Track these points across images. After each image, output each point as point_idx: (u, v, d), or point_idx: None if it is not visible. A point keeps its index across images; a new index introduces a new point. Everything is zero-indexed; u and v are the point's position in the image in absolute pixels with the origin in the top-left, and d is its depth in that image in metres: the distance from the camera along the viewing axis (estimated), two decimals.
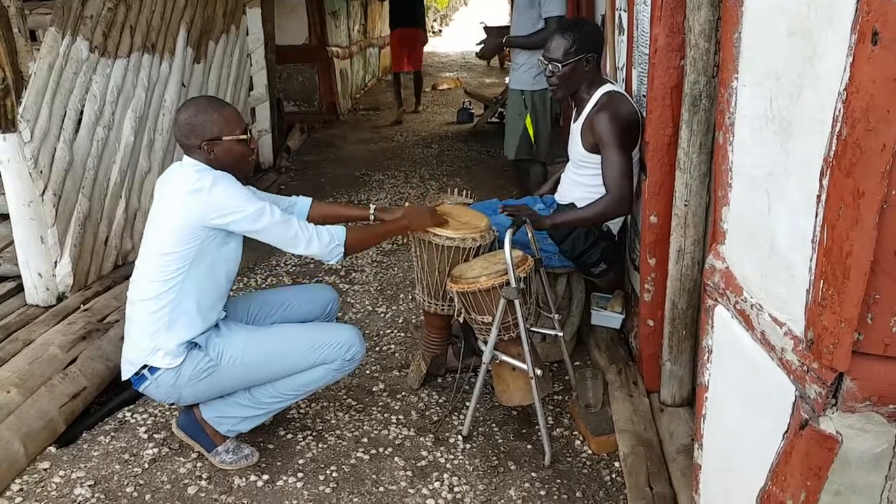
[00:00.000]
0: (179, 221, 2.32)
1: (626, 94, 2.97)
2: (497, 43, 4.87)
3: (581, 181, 3.05)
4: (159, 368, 2.39)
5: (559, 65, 2.89)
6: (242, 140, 2.42)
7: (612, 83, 3.01)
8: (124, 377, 2.49)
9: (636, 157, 2.89)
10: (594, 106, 2.90)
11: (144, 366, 2.40)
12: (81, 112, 3.59)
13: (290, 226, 2.40)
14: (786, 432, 1.44)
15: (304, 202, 2.80)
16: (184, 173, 2.37)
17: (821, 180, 1.24)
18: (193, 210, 2.30)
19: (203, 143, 2.35)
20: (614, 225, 3.06)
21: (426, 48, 10.06)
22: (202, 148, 2.36)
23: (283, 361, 2.48)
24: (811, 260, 1.30)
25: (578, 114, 3.02)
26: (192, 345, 2.41)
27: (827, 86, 1.21)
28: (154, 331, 2.36)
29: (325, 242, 2.45)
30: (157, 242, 2.37)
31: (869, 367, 1.27)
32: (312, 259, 3.84)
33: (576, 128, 3.03)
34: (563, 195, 3.18)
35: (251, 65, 6.15)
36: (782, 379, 1.43)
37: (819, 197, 1.25)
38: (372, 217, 2.83)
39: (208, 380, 2.43)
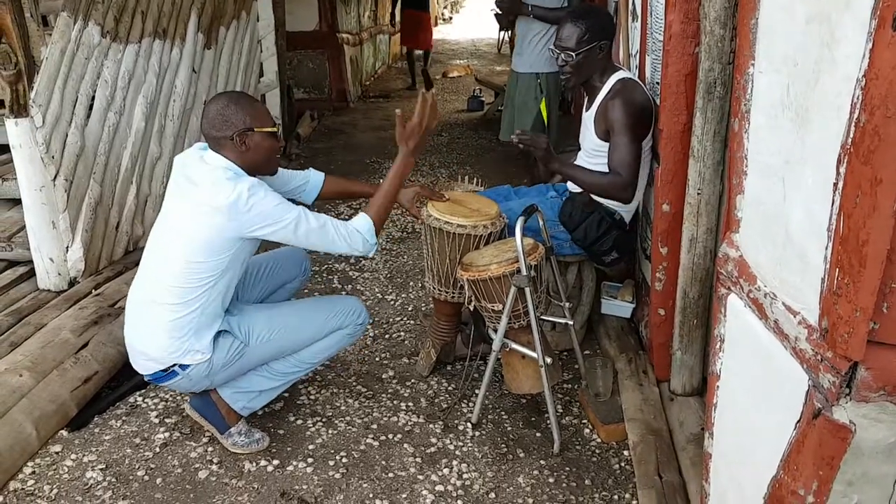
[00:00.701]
0: (213, 235, 2.29)
1: (639, 81, 2.94)
2: (518, 6, 4.71)
3: (594, 170, 3.03)
4: (190, 365, 2.41)
5: (572, 53, 2.86)
6: (273, 134, 2.40)
7: (624, 70, 2.99)
8: (144, 373, 2.50)
9: (647, 147, 2.87)
10: (608, 93, 2.87)
11: (174, 363, 2.42)
12: (93, 97, 3.59)
13: (327, 231, 2.40)
14: (798, 421, 1.43)
15: (316, 178, 2.81)
16: (213, 179, 2.29)
17: (838, 168, 1.23)
18: (230, 225, 2.27)
19: (235, 134, 2.30)
20: (626, 214, 3.04)
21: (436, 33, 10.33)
22: (234, 139, 2.31)
23: (304, 332, 2.58)
24: (826, 248, 1.29)
25: (591, 102, 3.00)
26: (218, 333, 2.43)
27: (845, 72, 1.19)
28: (183, 334, 2.37)
29: (360, 241, 2.45)
30: (183, 250, 2.32)
31: (884, 356, 1.26)
32: None
33: (588, 116, 3.00)
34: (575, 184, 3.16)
35: (261, 51, 6.13)
36: (795, 368, 1.43)
37: (836, 185, 1.24)
38: None
39: (239, 361, 2.48)
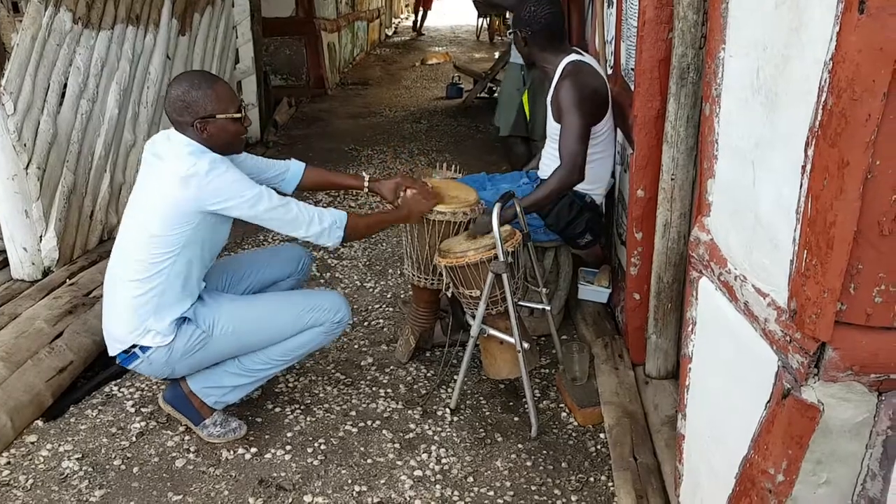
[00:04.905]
0: (172, 207, 2.26)
1: (593, 64, 2.97)
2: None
3: (557, 154, 3.05)
4: (150, 347, 2.38)
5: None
6: (237, 118, 2.36)
7: (576, 53, 3.00)
8: (111, 353, 2.48)
9: (606, 128, 2.91)
10: (559, 76, 2.92)
11: (134, 345, 2.39)
12: (65, 85, 3.54)
13: (289, 209, 2.36)
14: (768, 402, 1.45)
15: (296, 167, 2.77)
16: (176, 153, 2.29)
17: (806, 151, 1.25)
18: (188, 196, 2.24)
19: (196, 122, 2.28)
20: (597, 196, 3.07)
21: None
22: (195, 126, 2.29)
23: (274, 327, 2.49)
24: (795, 230, 1.30)
25: (549, 87, 3.04)
26: (181, 319, 2.40)
27: (813, 55, 1.21)
28: (143, 312, 2.34)
29: (326, 225, 2.41)
30: (146, 223, 2.31)
31: (851, 336, 1.28)
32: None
33: (548, 101, 3.04)
34: (544, 170, 3.18)
35: (237, 37, 6.07)
36: (765, 349, 1.45)
37: (804, 167, 1.26)
38: (366, 188, 2.82)
39: (202, 351, 2.43)
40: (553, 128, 3.01)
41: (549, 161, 3.13)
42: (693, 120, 2.36)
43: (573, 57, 2.95)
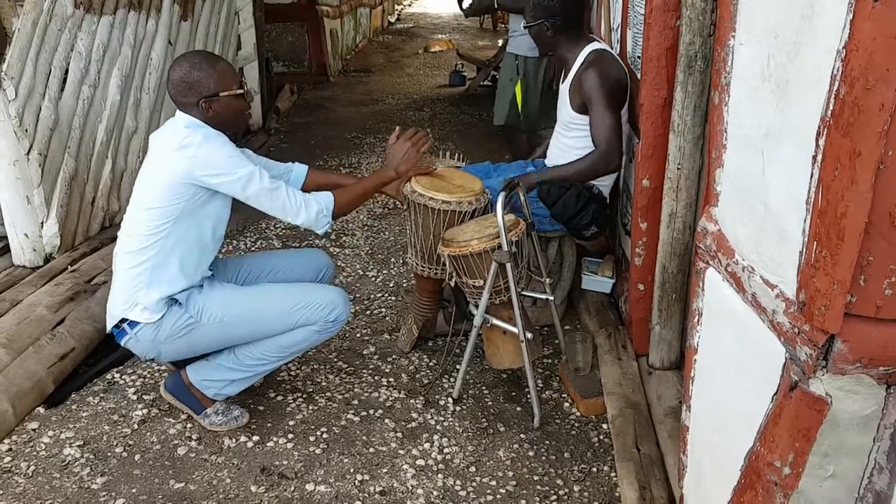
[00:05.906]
0: (166, 177, 2.30)
1: (613, 52, 2.97)
2: (487, 4, 4.84)
3: (570, 143, 3.04)
4: (139, 323, 2.38)
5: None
6: (240, 95, 2.40)
7: (598, 42, 3.00)
8: (108, 329, 2.49)
9: (624, 118, 2.90)
10: (581, 64, 2.91)
11: (124, 319, 2.39)
12: (66, 70, 3.52)
13: (279, 194, 2.37)
14: (775, 394, 1.44)
15: (300, 170, 2.75)
16: (174, 128, 2.36)
17: (817, 140, 1.23)
18: (181, 166, 2.27)
19: (201, 101, 2.32)
20: (605, 187, 3.05)
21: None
22: (200, 106, 2.33)
23: (263, 321, 2.44)
24: (805, 221, 1.29)
25: (566, 75, 3.04)
26: (173, 301, 2.40)
27: (826, 44, 1.19)
28: (134, 285, 2.35)
29: (314, 212, 2.44)
30: (144, 197, 2.36)
31: (860, 329, 1.27)
32: None
33: (564, 89, 3.03)
34: (553, 159, 3.17)
35: (239, 23, 6.03)
36: (773, 341, 1.43)
37: (815, 157, 1.24)
38: None
39: (188, 337, 2.41)
40: (569, 116, 2.99)
41: (559, 150, 3.11)
42: (700, 109, 2.34)
43: (594, 45, 2.95)
